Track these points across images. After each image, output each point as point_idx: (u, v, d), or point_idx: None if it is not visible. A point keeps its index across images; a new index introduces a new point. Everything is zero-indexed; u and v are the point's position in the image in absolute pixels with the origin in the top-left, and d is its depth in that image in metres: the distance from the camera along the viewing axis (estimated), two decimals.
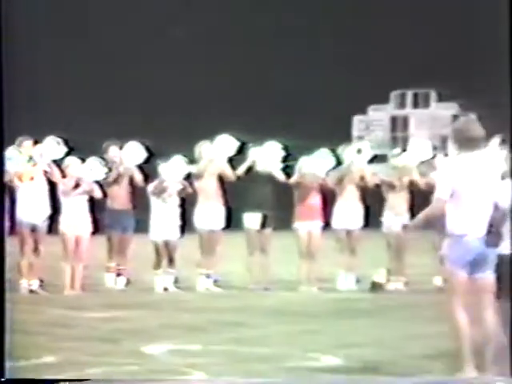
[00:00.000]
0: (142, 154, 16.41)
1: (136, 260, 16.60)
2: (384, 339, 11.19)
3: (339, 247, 16.35)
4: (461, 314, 8.89)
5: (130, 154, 16.41)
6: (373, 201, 16.66)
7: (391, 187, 16.19)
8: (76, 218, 15.77)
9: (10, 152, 15.40)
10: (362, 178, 16.32)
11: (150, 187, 16.24)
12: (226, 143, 16.36)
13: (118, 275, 16.34)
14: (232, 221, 16.59)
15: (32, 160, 15.73)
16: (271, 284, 15.91)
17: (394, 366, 9.54)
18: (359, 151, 16.72)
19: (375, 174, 16.46)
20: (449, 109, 35.24)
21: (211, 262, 16.19)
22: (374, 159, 17.11)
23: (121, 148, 16.48)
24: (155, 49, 35.47)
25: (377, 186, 16.39)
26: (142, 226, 16.46)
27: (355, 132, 39.01)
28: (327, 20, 35.55)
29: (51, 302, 14.57)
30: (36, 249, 15.83)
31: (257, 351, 10.46)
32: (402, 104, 41.05)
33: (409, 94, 40.84)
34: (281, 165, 16.36)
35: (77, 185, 15.83)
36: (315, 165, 16.27)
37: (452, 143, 9.05)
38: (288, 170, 16.48)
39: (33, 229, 15.76)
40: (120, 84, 34.71)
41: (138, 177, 16.36)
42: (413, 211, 16.20)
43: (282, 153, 16.41)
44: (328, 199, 16.45)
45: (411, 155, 16.75)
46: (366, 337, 11.37)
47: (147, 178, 16.35)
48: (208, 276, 16.09)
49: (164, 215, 16.11)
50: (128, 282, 16.33)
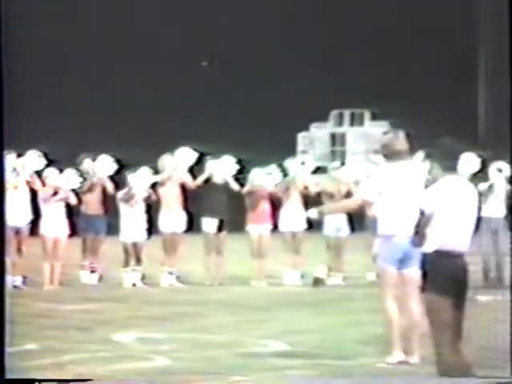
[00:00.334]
0: (113, 166, 16.43)
1: (107, 259, 16.52)
2: (324, 327, 11.26)
3: (285, 247, 16.40)
4: (391, 304, 8.99)
5: (102, 166, 16.39)
6: (315, 207, 16.70)
7: (330, 195, 16.24)
8: (54, 222, 15.73)
9: None
10: (306, 187, 16.39)
11: (120, 194, 16.21)
12: (186, 155, 16.40)
13: (92, 272, 16.29)
14: (192, 224, 16.60)
15: (15, 171, 15.74)
16: (226, 280, 15.91)
17: (334, 351, 9.60)
18: (303, 163, 16.80)
19: (317, 184, 16.52)
20: (380, 127, 35.38)
21: (173, 261, 16.17)
22: (316, 171, 17.20)
23: (94, 160, 16.49)
24: (125, 67, 34.96)
25: (318, 195, 16.45)
26: (113, 229, 16.44)
27: (300, 147, 38.93)
28: (274, 47, 35.51)
29: (33, 296, 14.46)
30: (19, 249, 15.74)
31: (213, 338, 10.49)
32: (340, 122, 41.09)
33: (346, 114, 40.89)
34: (233, 176, 16.42)
35: (55, 193, 15.80)
36: (265, 176, 16.35)
37: (380, 155, 9.18)
38: (241, 181, 16.52)
39: (16, 231, 15.70)
40: (94, 102, 34.37)
41: (109, 186, 16.34)
42: (350, 217, 16.35)
43: (236, 165, 16.47)
44: (276, 205, 16.50)
45: (348, 168, 16.96)
46: (309, 325, 11.42)
47: (117, 187, 16.35)
48: (171, 273, 16.06)
49: (132, 219, 16.08)
50: (100, 278, 16.26)
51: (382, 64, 35.56)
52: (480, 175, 15.46)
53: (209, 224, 16.27)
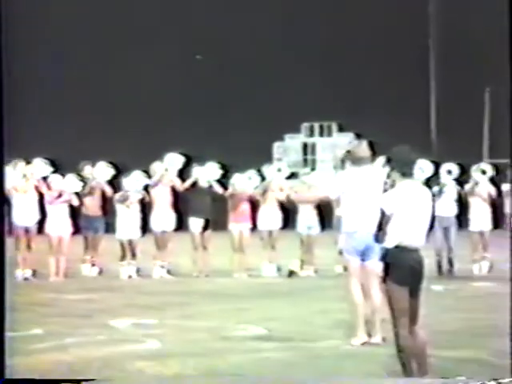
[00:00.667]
0: (110, 171, 16.41)
1: (106, 254, 16.49)
2: (298, 314, 11.24)
3: (263, 243, 16.40)
4: (356, 292, 9.01)
5: (100, 171, 16.38)
6: (289, 208, 16.75)
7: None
8: (59, 222, 15.70)
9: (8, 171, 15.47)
10: (281, 190, 16.42)
11: (116, 197, 16.21)
12: (175, 160, 16.39)
13: (92, 266, 16.27)
14: (181, 223, 16.59)
15: (25, 177, 15.71)
16: (211, 272, 15.89)
17: (306, 334, 9.60)
18: (279, 170, 16.82)
19: (290, 188, 16.56)
20: (346, 137, 35.55)
21: (164, 256, 16.15)
22: (290, 176, 17.22)
23: (93, 166, 16.48)
24: (125, 76, 34.53)
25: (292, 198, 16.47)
26: (110, 228, 16.44)
27: (275, 155, 39.02)
28: (252, 68, 35.52)
29: (40, 287, 14.47)
30: (29, 246, 15.73)
31: (199, 324, 10.48)
32: (311, 133, 41.22)
33: (316, 126, 41.05)
34: (217, 180, 16.43)
35: (59, 195, 15.77)
36: (245, 181, 16.37)
37: (346, 161, 9.22)
38: (224, 184, 16.52)
39: (26, 230, 15.69)
40: (92, 111, 34.14)
41: (107, 189, 16.31)
42: (320, 217, 16.38)
43: (219, 171, 16.46)
44: (254, 206, 16.51)
45: (317, 174, 17.01)
46: (284, 312, 11.42)
47: (114, 190, 16.32)
48: (162, 266, 16.04)
49: (127, 219, 16.05)
50: (100, 271, 16.26)
51: (348, 82, 35.66)
52: (433, 179, 15.51)
53: (195, 223, 16.26)
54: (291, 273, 15.98)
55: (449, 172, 16.03)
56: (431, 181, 15.27)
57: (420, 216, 7.05)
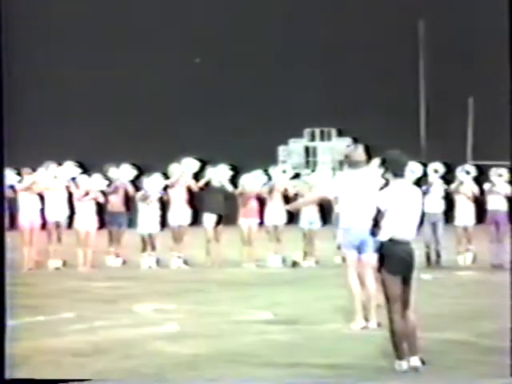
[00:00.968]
0: (132, 172, 16.46)
1: (128, 247, 16.52)
2: (301, 300, 11.26)
3: (269, 237, 16.41)
4: (353, 281, 9.01)
5: (124, 172, 16.41)
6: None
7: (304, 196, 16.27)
8: (86, 218, 15.73)
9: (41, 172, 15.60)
10: (286, 190, 16.43)
11: (138, 195, 16.24)
12: (190, 163, 16.43)
13: (116, 257, 16.28)
14: (195, 219, 16.61)
15: (57, 177, 15.78)
16: (222, 263, 15.91)
17: (308, 318, 9.60)
18: (284, 171, 16.83)
19: (294, 187, 16.56)
20: (344, 141, 35.53)
21: (181, 248, 16.16)
22: (294, 177, 17.23)
23: (117, 168, 16.52)
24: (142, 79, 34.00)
25: (295, 195, 16.48)
26: (133, 223, 16.47)
27: (280, 157, 38.97)
28: (257, 76, 35.40)
29: (70, 276, 14.51)
30: (59, 239, 15.79)
31: (212, 309, 10.49)
32: (312, 138, 41.15)
33: (317, 131, 41.00)
34: (228, 180, 16.45)
35: (86, 194, 15.81)
36: (253, 180, 16.39)
37: (344, 163, 9.24)
38: (234, 184, 16.54)
39: (57, 225, 15.75)
40: (116, 117, 33.87)
41: (130, 188, 16.34)
42: (321, 213, 16.38)
43: (230, 172, 16.50)
44: (262, 204, 16.52)
45: (317, 175, 17.03)
46: (289, 298, 11.44)
47: (136, 189, 16.36)
48: (179, 257, 16.06)
49: (148, 215, 16.08)
50: (123, 262, 16.28)
51: (346, 92, 35.62)
52: (422, 179, 15.53)
53: (208, 218, 16.28)
54: (294, 263, 15.99)
55: (435, 171, 16.06)
56: (421, 181, 15.28)
57: (410, 212, 7.07)
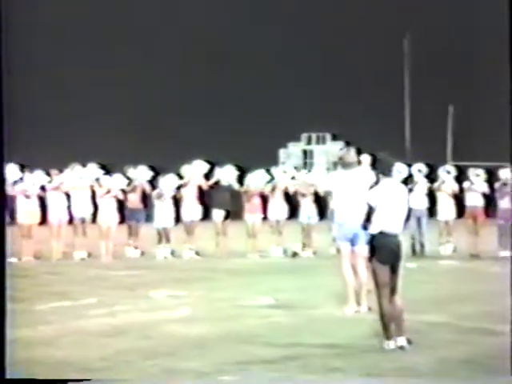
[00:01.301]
0: (149, 173, 16.44)
1: (145, 239, 16.51)
2: (300, 287, 11.21)
3: (271, 230, 16.38)
4: (347, 270, 8.98)
5: (141, 173, 16.41)
6: (293, 201, 16.74)
7: (303, 194, 16.26)
8: (108, 214, 15.73)
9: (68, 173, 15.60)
10: (286, 188, 16.41)
11: (154, 193, 16.23)
12: (200, 165, 16.43)
13: (135, 248, 16.26)
14: (206, 214, 16.60)
15: (82, 178, 15.78)
16: (229, 253, 15.89)
17: (306, 303, 9.55)
18: (284, 172, 16.82)
19: (294, 186, 16.54)
20: (337, 145, 35.58)
21: (192, 240, 16.15)
22: (293, 176, 17.19)
23: (135, 169, 16.50)
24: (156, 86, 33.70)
25: (294, 193, 16.47)
26: (149, 218, 16.46)
27: (281, 159, 39.06)
28: (260, 85, 35.45)
29: (93, 265, 14.51)
30: (84, 233, 15.79)
31: (220, 295, 10.46)
32: (309, 142, 41.22)
33: (313, 136, 41.07)
34: (234, 179, 16.45)
35: (108, 192, 15.80)
36: (256, 179, 16.37)
37: (337, 165, 9.20)
38: (240, 183, 16.53)
39: (82, 220, 15.76)
40: (136, 123, 33.85)
41: (147, 187, 16.33)
42: (319, 209, 16.35)
43: (236, 172, 16.49)
44: (265, 200, 16.50)
45: (314, 175, 17.01)
46: (289, 285, 11.38)
47: (153, 188, 16.34)
48: (191, 249, 16.05)
49: (163, 211, 16.07)
50: (141, 253, 16.27)
51: (339, 101, 35.65)
52: (409, 179, 15.49)
53: (217, 214, 16.27)
54: (294, 254, 15.97)
55: (419, 171, 16.04)
56: (407, 180, 15.25)
57: (398, 208, 7.05)
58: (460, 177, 16.57)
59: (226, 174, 16.34)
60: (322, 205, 16.08)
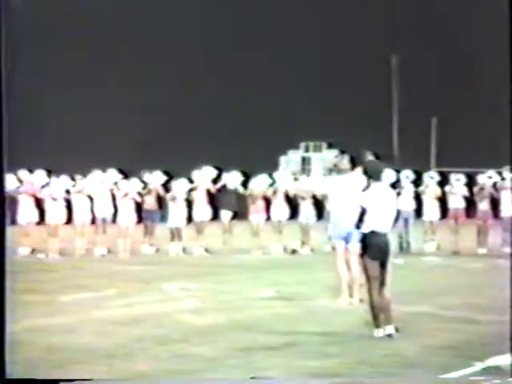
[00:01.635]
0: (163, 177, 16.44)
1: (160, 237, 16.51)
2: (299, 281, 11.20)
3: (273, 230, 16.35)
4: (341, 266, 8.94)
5: (156, 177, 16.40)
6: (293, 203, 16.72)
7: (302, 197, 16.25)
8: (126, 214, 15.73)
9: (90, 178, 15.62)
10: (286, 191, 16.39)
11: (168, 196, 16.23)
12: (209, 170, 16.42)
13: (150, 246, 16.27)
14: (215, 215, 16.59)
15: (102, 182, 15.79)
16: (236, 251, 15.86)
17: (304, 295, 9.52)
18: (284, 176, 16.82)
19: (293, 189, 16.53)
20: (333, 152, 35.58)
21: (202, 238, 16.14)
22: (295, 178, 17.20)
23: (151, 174, 16.50)
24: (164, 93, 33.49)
25: (295, 196, 16.46)
26: (163, 218, 16.45)
27: (281, 165, 39.06)
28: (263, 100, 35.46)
29: (112, 261, 14.50)
30: (104, 231, 15.79)
31: (227, 288, 10.43)
32: (307, 150, 41.22)
33: (311, 144, 41.07)
34: (239, 183, 16.44)
35: (126, 195, 15.80)
36: (260, 184, 16.36)
37: (332, 171, 9.17)
38: (245, 186, 16.53)
39: (103, 220, 15.76)
40: (149, 132, 33.79)
41: (161, 190, 16.32)
42: (318, 209, 16.32)
43: (241, 177, 16.48)
44: (268, 202, 16.48)
45: (311, 180, 16.98)
46: (289, 279, 11.37)
47: (166, 191, 16.33)
48: (200, 246, 16.04)
49: (176, 212, 16.07)
50: (156, 250, 16.26)
51: (334, 113, 35.65)
52: (397, 184, 15.48)
53: (224, 214, 16.26)
54: (294, 251, 15.95)
55: (407, 177, 16.04)
56: (397, 184, 15.24)
57: (387, 209, 7.03)
58: (443, 181, 16.57)
59: (232, 179, 16.34)
60: (320, 207, 16.06)
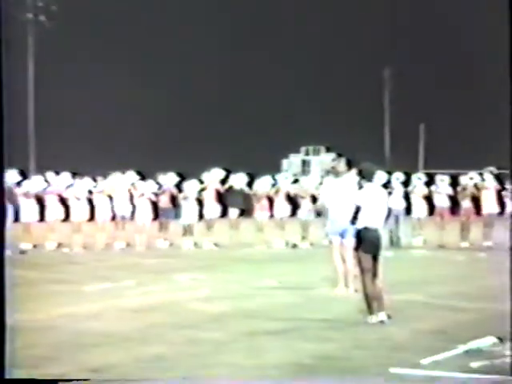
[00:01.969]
0: (176, 179, 16.43)
1: (173, 233, 16.49)
2: (299, 272, 11.21)
3: (276, 226, 16.32)
4: (337, 259, 8.94)
5: (170, 179, 16.40)
6: (294, 202, 16.70)
7: (302, 197, 16.24)
8: (143, 212, 15.73)
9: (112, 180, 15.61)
10: (288, 191, 16.38)
11: (180, 195, 16.23)
12: (217, 172, 16.43)
13: (164, 240, 16.26)
14: (223, 212, 16.58)
15: (121, 183, 15.82)
16: (242, 245, 15.80)
17: (304, 285, 9.48)
18: (286, 178, 16.82)
19: (295, 189, 16.51)
20: (330, 156, 35.53)
21: (211, 234, 16.13)
22: (294, 182, 17.19)
23: (165, 175, 16.51)
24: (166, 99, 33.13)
25: (295, 196, 16.44)
26: (177, 216, 16.43)
27: (283, 168, 39.00)
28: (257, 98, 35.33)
29: (130, 254, 14.49)
30: (123, 227, 15.80)
31: (233, 277, 10.45)
32: (307, 153, 41.12)
33: (310, 148, 40.98)
34: (245, 183, 16.44)
35: (143, 194, 15.81)
36: (263, 184, 16.36)
37: (330, 173, 9.16)
38: (250, 186, 16.52)
39: (122, 218, 15.76)
40: (166, 138, 33.61)
41: (174, 190, 16.31)
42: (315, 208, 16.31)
43: (247, 178, 16.48)
44: (271, 201, 16.46)
45: (311, 181, 17.00)
46: (290, 271, 11.37)
47: (179, 191, 16.33)
48: (210, 241, 16.03)
49: (188, 210, 16.06)
50: (169, 244, 16.25)
51: (333, 119, 35.60)
52: (388, 184, 15.46)
53: (232, 212, 16.25)
54: (294, 245, 15.92)
55: (397, 178, 16.05)
56: (388, 185, 15.22)
57: (379, 207, 7.02)
58: (429, 182, 16.57)
59: (239, 180, 16.33)
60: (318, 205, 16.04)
